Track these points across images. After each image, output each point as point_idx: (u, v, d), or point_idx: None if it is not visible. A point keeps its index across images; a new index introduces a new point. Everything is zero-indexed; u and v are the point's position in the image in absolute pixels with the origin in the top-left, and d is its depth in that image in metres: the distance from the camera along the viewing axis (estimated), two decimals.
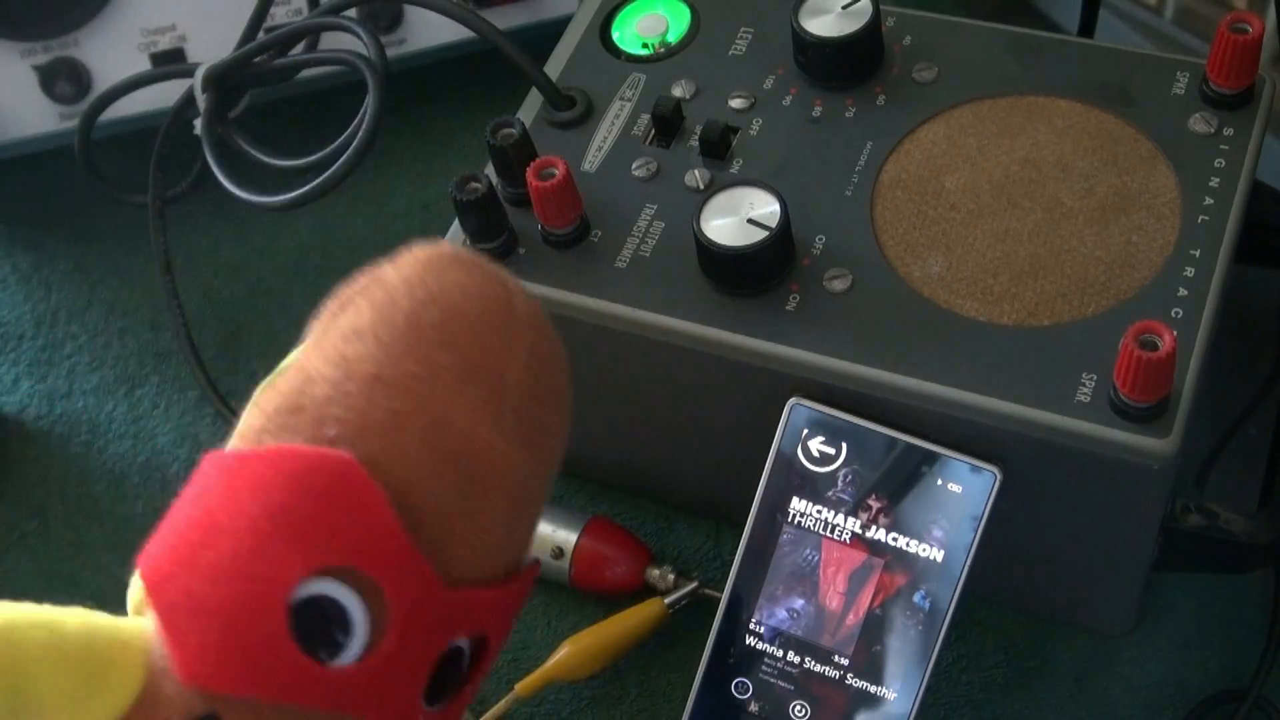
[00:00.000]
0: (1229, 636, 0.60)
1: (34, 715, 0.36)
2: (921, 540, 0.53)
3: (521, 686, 0.60)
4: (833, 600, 0.54)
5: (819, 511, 0.54)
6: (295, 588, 0.37)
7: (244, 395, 0.50)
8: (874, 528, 0.53)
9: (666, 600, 0.62)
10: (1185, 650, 0.60)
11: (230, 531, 0.37)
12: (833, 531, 0.54)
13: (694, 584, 0.62)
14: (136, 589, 0.40)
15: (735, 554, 0.55)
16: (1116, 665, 0.60)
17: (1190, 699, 0.59)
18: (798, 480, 0.54)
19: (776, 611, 0.54)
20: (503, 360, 0.40)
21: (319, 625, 0.38)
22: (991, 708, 0.60)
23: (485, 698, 0.62)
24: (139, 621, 0.39)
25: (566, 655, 0.60)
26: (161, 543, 0.39)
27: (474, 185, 0.56)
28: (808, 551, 0.54)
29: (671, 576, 0.62)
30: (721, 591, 0.55)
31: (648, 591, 0.62)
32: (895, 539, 0.53)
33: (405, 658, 0.39)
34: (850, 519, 0.54)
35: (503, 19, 0.74)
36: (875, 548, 0.53)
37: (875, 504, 0.53)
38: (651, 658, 0.62)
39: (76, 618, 0.37)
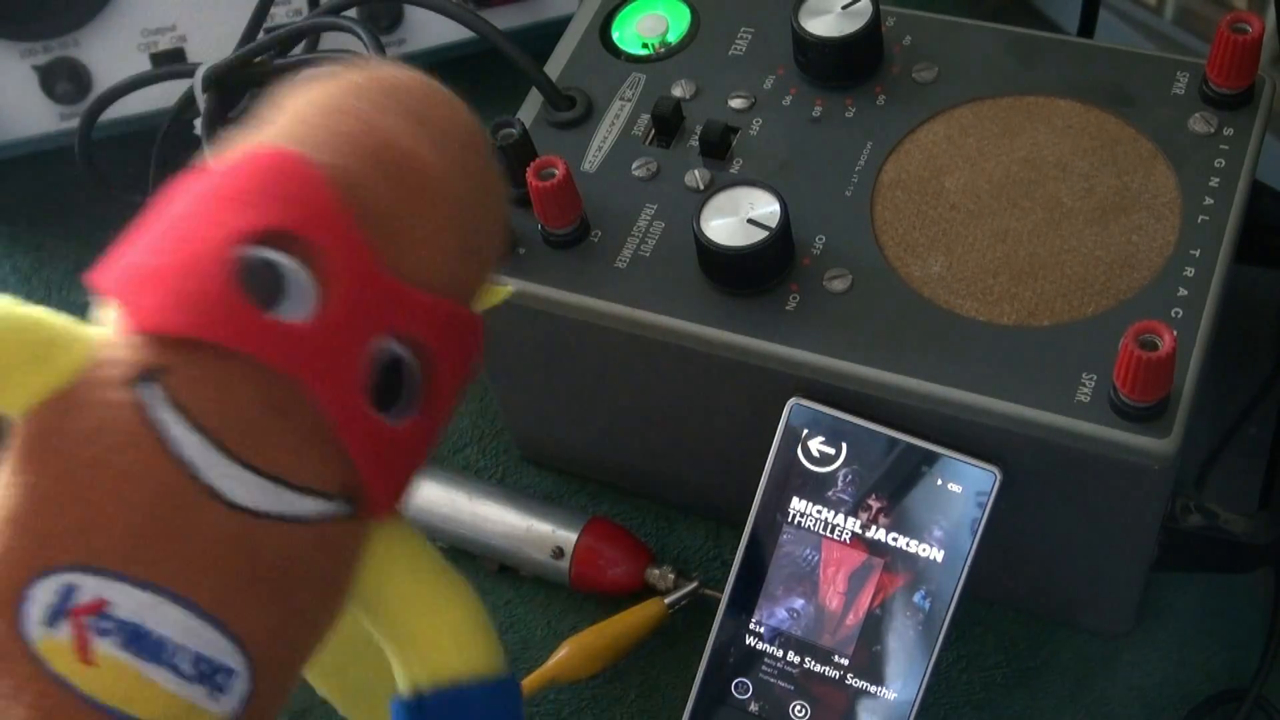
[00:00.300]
0: (1229, 636, 0.60)
1: None
2: (921, 540, 0.53)
3: (521, 686, 0.60)
4: (833, 600, 0.54)
5: (819, 511, 0.54)
6: (240, 245, 0.40)
7: None
8: (874, 528, 0.53)
9: (666, 600, 0.62)
10: (1185, 650, 0.60)
11: (179, 213, 0.41)
12: (833, 531, 0.54)
13: (694, 584, 0.62)
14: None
15: (735, 554, 0.55)
16: (1116, 665, 0.60)
17: (1190, 699, 0.59)
18: (798, 480, 0.54)
19: (776, 611, 0.54)
20: (437, 111, 0.45)
21: (264, 283, 0.40)
22: (991, 708, 0.60)
23: None
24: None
25: (566, 655, 0.60)
26: (112, 256, 0.42)
27: None
28: (808, 551, 0.54)
29: (671, 576, 0.62)
30: (721, 591, 0.55)
31: (648, 591, 0.62)
32: (895, 539, 0.53)
33: (346, 328, 0.41)
34: (850, 519, 0.54)
35: (503, 19, 0.74)
36: (875, 548, 0.53)
37: (875, 504, 0.53)
38: (651, 658, 0.62)
39: (30, 309, 0.40)
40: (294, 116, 0.43)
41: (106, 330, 0.41)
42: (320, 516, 0.41)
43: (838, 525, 0.54)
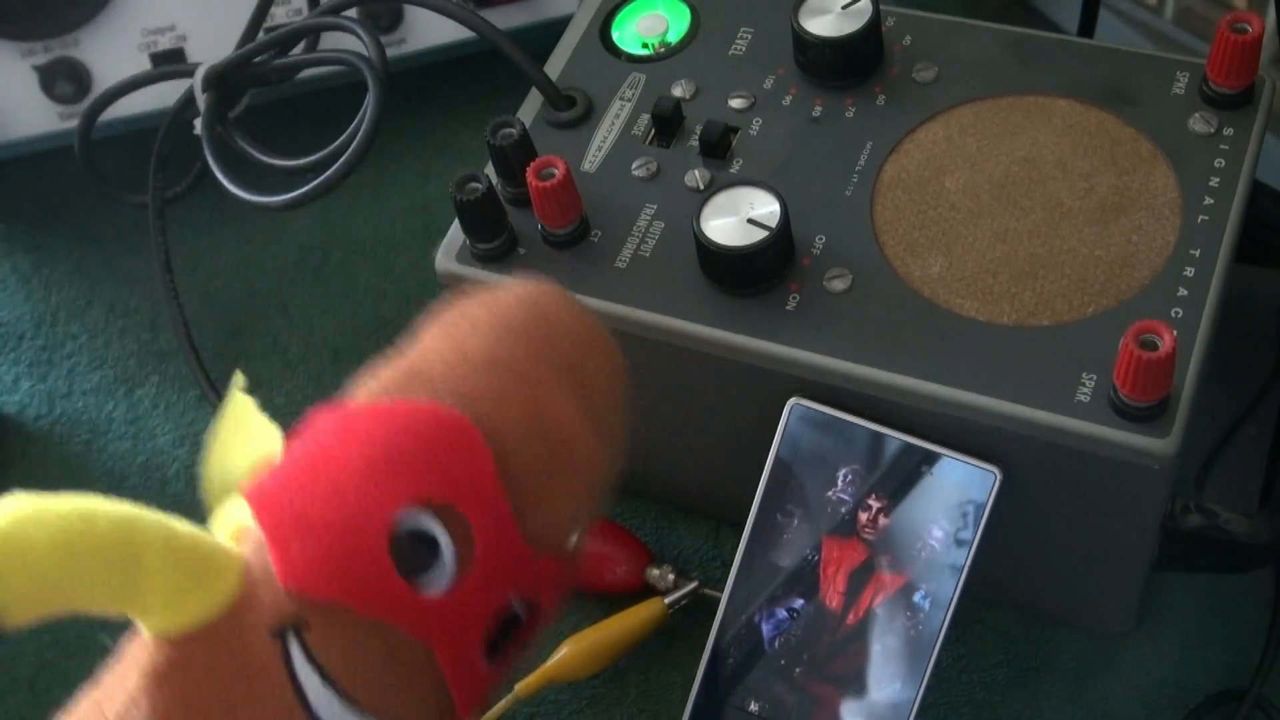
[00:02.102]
0: (1229, 636, 0.60)
1: (139, 599, 0.38)
2: (921, 540, 0.53)
3: (521, 686, 0.60)
4: (833, 600, 0.54)
5: (819, 511, 0.54)
6: (397, 514, 0.41)
7: None
8: (874, 528, 0.53)
9: (666, 600, 0.62)
10: (1185, 650, 0.60)
11: (341, 463, 0.41)
12: (833, 531, 0.54)
13: (694, 584, 0.62)
14: (230, 525, 0.43)
15: (735, 554, 0.55)
16: (1116, 665, 0.60)
17: (1190, 699, 0.59)
18: (798, 480, 0.54)
19: (776, 611, 0.54)
20: (590, 364, 0.46)
21: (413, 554, 0.41)
22: (991, 708, 0.60)
23: None
24: (239, 546, 0.42)
25: (566, 655, 0.60)
26: (269, 477, 0.42)
27: (474, 185, 0.56)
28: (808, 551, 0.54)
29: (671, 576, 0.62)
30: (721, 591, 0.55)
31: (648, 591, 0.62)
32: (895, 539, 0.53)
33: (480, 598, 0.42)
34: (850, 519, 0.54)
35: (503, 19, 0.74)
36: (875, 547, 0.53)
37: (875, 504, 0.53)
38: (651, 658, 0.62)
39: (187, 525, 0.40)
40: (457, 358, 0.44)
41: (250, 557, 0.41)
42: None
43: (838, 525, 0.54)
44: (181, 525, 0.40)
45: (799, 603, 0.54)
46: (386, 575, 0.40)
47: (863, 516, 0.53)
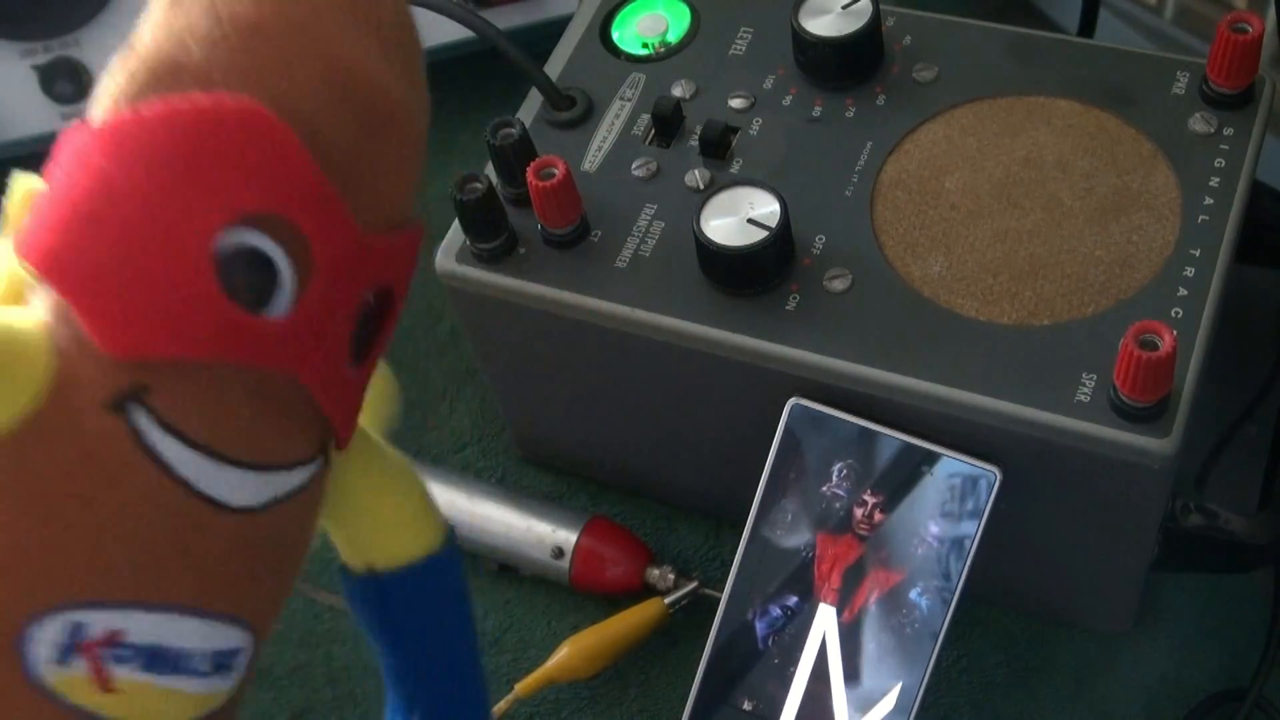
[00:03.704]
0: (1229, 636, 0.60)
1: None
2: (922, 540, 0.53)
3: (521, 686, 0.60)
4: (828, 597, 0.53)
5: (819, 511, 0.54)
6: (217, 237, 0.35)
7: None
8: (874, 527, 0.53)
9: (666, 600, 0.62)
10: (1185, 650, 0.60)
11: (132, 194, 0.35)
12: (833, 531, 0.54)
13: (694, 584, 0.62)
14: (8, 278, 0.37)
15: (735, 554, 0.55)
16: (1116, 665, 0.60)
17: (1190, 699, 0.59)
18: (798, 480, 0.54)
19: (770, 609, 0.54)
20: (396, 24, 0.39)
21: (245, 278, 0.36)
22: (991, 708, 0.60)
23: None
24: (28, 310, 0.36)
25: (566, 655, 0.61)
26: (44, 224, 0.35)
27: (474, 185, 0.56)
28: (807, 551, 0.54)
29: (671, 576, 0.62)
30: (721, 591, 0.55)
31: (648, 591, 0.62)
32: (895, 539, 0.53)
33: (331, 307, 0.37)
34: (850, 518, 0.54)
35: (503, 19, 0.74)
36: (875, 547, 0.53)
37: (875, 503, 0.53)
38: (651, 658, 0.62)
39: None
40: (215, 29, 0.36)
41: (54, 326, 0.35)
42: (305, 482, 0.40)
43: (838, 525, 0.54)
44: None
45: (793, 600, 0.54)
46: (222, 311, 0.35)
47: (858, 512, 0.53)
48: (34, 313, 0.36)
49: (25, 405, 0.35)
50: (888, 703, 0.52)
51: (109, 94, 0.37)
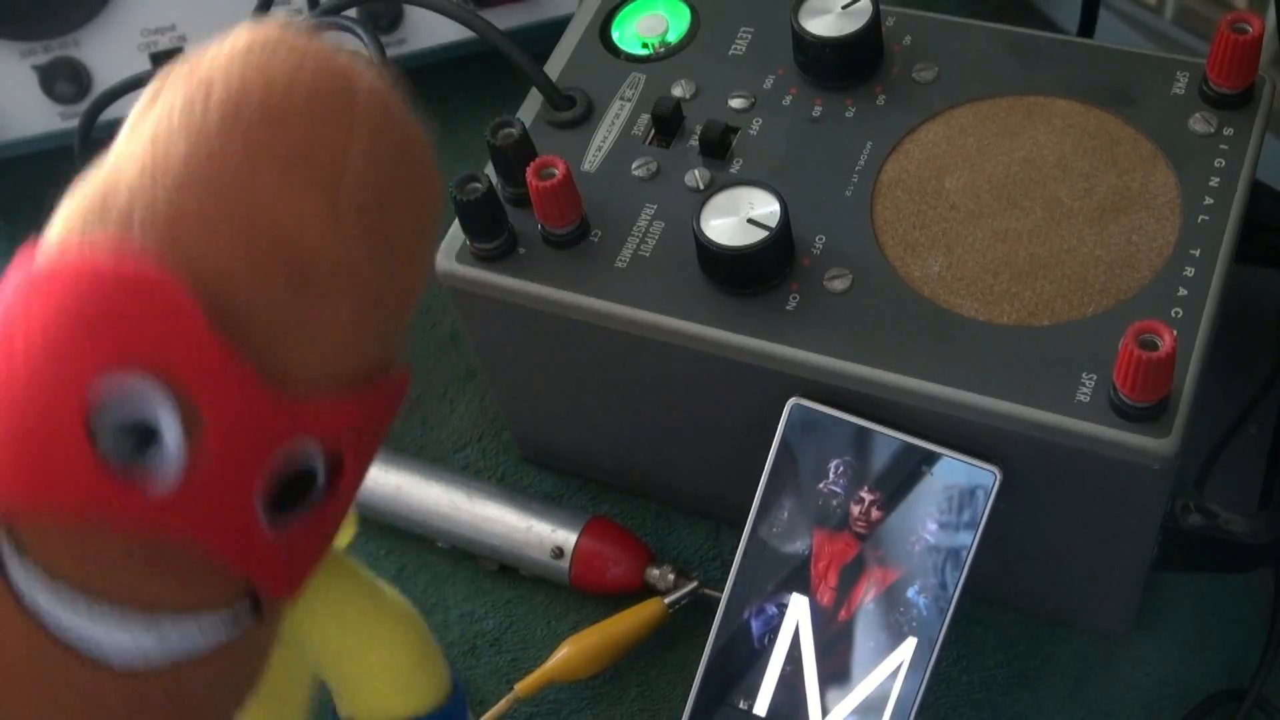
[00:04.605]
0: (1229, 636, 0.60)
1: None
2: (920, 540, 0.53)
3: (521, 686, 0.60)
4: (832, 599, 0.53)
5: (819, 511, 0.54)
6: (92, 386, 0.33)
7: None
8: (875, 527, 0.53)
9: (666, 600, 0.62)
10: (1185, 650, 0.60)
11: (22, 340, 0.34)
12: (833, 531, 0.54)
13: (694, 584, 0.62)
14: None
15: (735, 554, 0.55)
16: (1116, 665, 0.60)
17: (1190, 699, 0.59)
18: (797, 480, 0.54)
19: (766, 608, 0.54)
20: (338, 147, 0.36)
21: (128, 441, 0.34)
22: (991, 708, 0.60)
23: (485, 698, 0.62)
24: None
25: (566, 655, 0.60)
26: None
27: (474, 185, 0.56)
28: (807, 551, 0.54)
29: (671, 576, 0.62)
30: (721, 591, 0.55)
31: (648, 591, 0.62)
32: (896, 539, 0.53)
33: (230, 473, 0.35)
34: (850, 519, 0.54)
35: (503, 19, 0.74)
36: (875, 547, 0.53)
37: (875, 503, 0.53)
38: (651, 658, 0.62)
39: None
40: (150, 169, 0.35)
41: None
42: (223, 637, 0.36)
43: (838, 525, 0.54)
44: None
45: (799, 601, 0.54)
46: (91, 467, 0.33)
47: (855, 510, 0.53)
48: None
49: None
50: (887, 703, 0.52)
51: (62, 215, 0.37)
